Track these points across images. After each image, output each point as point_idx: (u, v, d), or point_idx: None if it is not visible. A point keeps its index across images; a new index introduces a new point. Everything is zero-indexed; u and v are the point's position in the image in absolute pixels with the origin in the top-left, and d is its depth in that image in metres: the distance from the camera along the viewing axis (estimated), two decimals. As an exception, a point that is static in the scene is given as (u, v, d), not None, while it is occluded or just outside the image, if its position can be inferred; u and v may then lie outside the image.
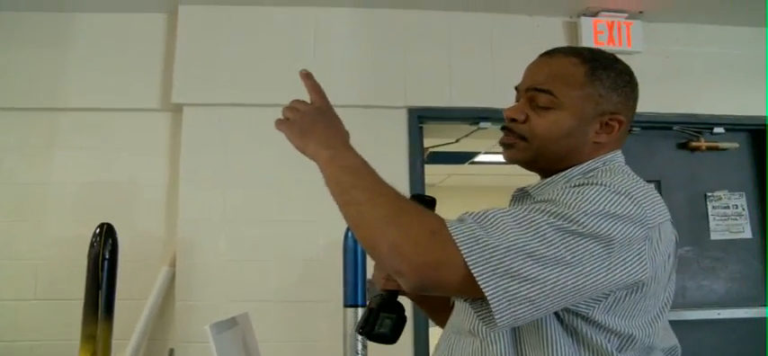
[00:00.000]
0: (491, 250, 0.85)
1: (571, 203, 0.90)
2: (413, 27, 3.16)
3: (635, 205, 0.92)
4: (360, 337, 2.09)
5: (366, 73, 3.09)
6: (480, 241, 0.86)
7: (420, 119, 3.12)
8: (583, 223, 0.87)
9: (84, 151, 2.96)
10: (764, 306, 3.26)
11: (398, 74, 3.10)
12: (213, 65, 3.01)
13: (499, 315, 0.85)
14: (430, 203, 1.19)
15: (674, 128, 3.32)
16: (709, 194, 3.34)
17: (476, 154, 5.47)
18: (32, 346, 2.78)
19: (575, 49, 1.13)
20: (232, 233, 2.88)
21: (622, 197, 0.91)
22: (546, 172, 1.12)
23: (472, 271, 0.84)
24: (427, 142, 3.31)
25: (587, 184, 0.93)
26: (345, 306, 2.15)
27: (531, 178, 1.18)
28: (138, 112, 3.02)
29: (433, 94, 3.11)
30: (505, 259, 0.85)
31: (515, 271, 0.84)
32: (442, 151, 4.25)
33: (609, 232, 0.88)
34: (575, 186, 0.94)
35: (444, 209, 1.16)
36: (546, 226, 0.87)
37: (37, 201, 2.90)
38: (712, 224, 3.32)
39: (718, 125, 3.36)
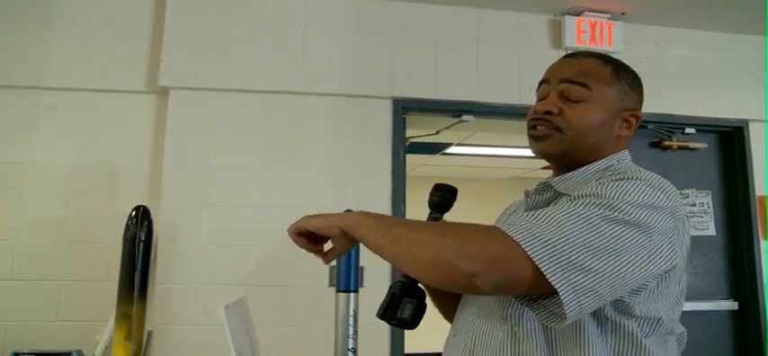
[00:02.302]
0: (552, 245, 0.88)
1: (614, 195, 0.94)
2: (400, 19, 3.18)
3: (667, 198, 0.98)
4: (352, 322, 2.12)
5: (353, 62, 3.11)
6: (538, 237, 0.89)
7: (404, 109, 3.15)
8: (626, 212, 0.92)
9: (65, 131, 2.90)
10: (724, 299, 3.43)
11: (385, 65, 3.12)
12: (201, 49, 2.98)
13: (569, 308, 0.87)
14: (452, 192, 1.21)
15: (649, 127, 3.43)
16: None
17: (448, 145, 5.53)
18: (7, 327, 2.74)
19: (594, 53, 1.20)
20: (214, 217, 2.88)
21: (657, 190, 0.97)
22: (569, 166, 1.15)
23: (539, 266, 0.86)
24: (408, 132, 3.35)
25: (625, 179, 0.98)
26: (338, 291, 2.18)
27: (499, 171, 1.20)
28: (123, 94, 2.97)
29: (418, 86, 3.14)
30: (566, 252, 0.88)
31: (577, 264, 0.87)
32: (416, 141, 4.30)
33: (648, 221, 0.93)
34: (614, 181, 0.98)
35: (416, 198, 1.18)
36: (596, 218, 0.91)
37: (16, 181, 2.84)
38: (680, 221, 3.44)
39: (690, 125, 3.49)
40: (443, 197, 1.20)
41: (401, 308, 1.10)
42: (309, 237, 1.12)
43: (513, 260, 0.88)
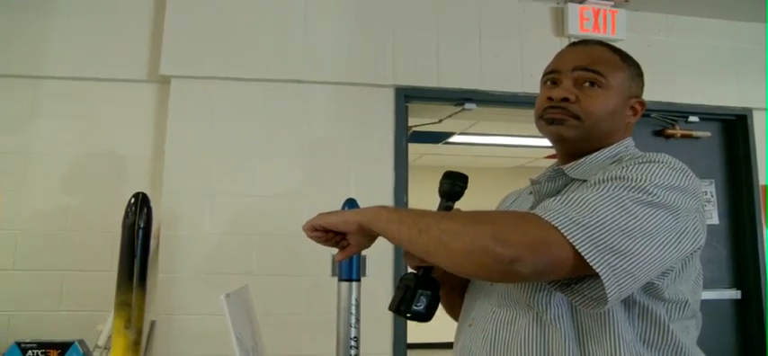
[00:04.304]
0: (590, 228, 0.87)
1: (641, 177, 0.94)
2: (402, 7, 3.16)
3: (689, 180, 0.99)
4: (354, 311, 2.12)
5: (355, 51, 3.09)
6: (575, 221, 0.88)
7: (407, 98, 3.14)
8: (654, 194, 0.93)
9: (67, 120, 2.90)
10: (727, 288, 3.42)
11: (387, 53, 3.11)
12: (202, 37, 2.97)
13: (610, 291, 0.86)
14: (464, 179, 1.19)
15: (652, 115, 3.42)
16: (681, 181, 3.45)
17: (451, 134, 5.51)
18: (10, 317, 2.74)
19: (599, 41, 1.21)
20: (216, 206, 2.88)
21: (679, 173, 0.98)
22: (579, 152, 1.15)
23: (579, 250, 0.86)
24: (410, 121, 3.34)
25: (648, 162, 0.98)
26: (340, 280, 2.18)
27: (502, 161, 1.18)
28: (124, 83, 2.96)
29: (421, 74, 3.12)
30: (603, 235, 0.87)
31: (615, 247, 0.87)
32: (419, 130, 4.28)
33: (675, 203, 0.94)
34: (638, 163, 0.98)
35: (419, 188, 1.14)
36: (627, 201, 0.91)
37: (18, 170, 2.83)
38: (683, 209, 3.43)
39: (693, 114, 3.48)
40: (454, 184, 1.18)
41: (415, 301, 1.08)
42: (326, 232, 1.10)
43: (553, 243, 0.87)
